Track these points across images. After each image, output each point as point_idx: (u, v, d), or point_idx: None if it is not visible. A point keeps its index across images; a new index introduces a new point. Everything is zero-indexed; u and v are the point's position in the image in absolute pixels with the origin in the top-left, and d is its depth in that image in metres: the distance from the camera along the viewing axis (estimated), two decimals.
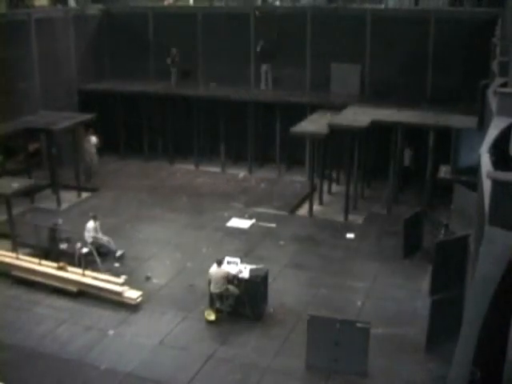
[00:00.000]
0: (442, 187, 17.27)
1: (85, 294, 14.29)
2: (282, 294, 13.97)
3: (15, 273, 15.11)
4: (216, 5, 25.91)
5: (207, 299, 13.46)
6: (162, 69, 25.39)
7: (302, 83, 23.59)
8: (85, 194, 21.17)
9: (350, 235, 17.59)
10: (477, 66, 19.44)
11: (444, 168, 16.69)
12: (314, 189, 19.84)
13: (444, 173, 16.48)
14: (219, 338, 12.62)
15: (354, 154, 19.59)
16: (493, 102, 10.99)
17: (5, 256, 15.60)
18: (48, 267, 14.97)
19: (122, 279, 14.48)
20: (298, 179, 22.53)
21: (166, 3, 26.99)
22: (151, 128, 24.85)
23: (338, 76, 22.81)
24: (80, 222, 16.88)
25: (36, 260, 15.25)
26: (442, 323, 11.44)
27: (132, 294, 13.92)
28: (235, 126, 23.85)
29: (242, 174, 23.44)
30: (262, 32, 23.49)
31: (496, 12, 19.49)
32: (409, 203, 19.12)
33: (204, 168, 24.02)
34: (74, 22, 24.52)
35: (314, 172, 19.98)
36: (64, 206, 20.02)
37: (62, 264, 14.89)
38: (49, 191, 20.92)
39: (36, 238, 15.87)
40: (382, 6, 23.31)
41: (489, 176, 6.87)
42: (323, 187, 20.42)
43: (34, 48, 22.54)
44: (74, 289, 14.34)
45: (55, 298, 14.28)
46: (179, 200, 20.57)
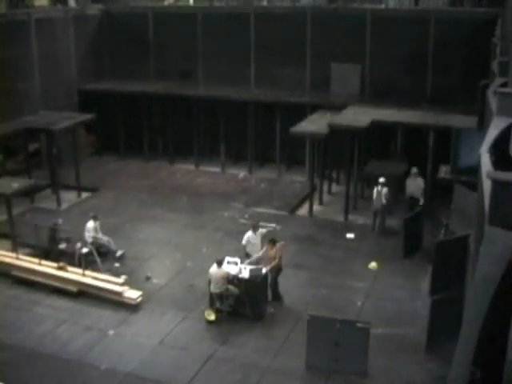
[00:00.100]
0: (442, 187, 17.27)
1: (85, 293, 14.29)
2: (282, 294, 13.95)
3: (15, 273, 15.11)
4: (216, 5, 25.94)
5: (207, 299, 13.46)
6: (161, 69, 25.44)
7: (301, 83, 23.60)
8: (85, 194, 21.17)
9: (350, 235, 17.59)
10: (477, 66, 19.45)
11: (444, 168, 16.70)
12: (314, 189, 19.84)
13: (444, 173, 16.48)
14: (219, 337, 12.62)
15: (353, 153, 19.59)
16: (493, 102, 10.98)
17: (5, 256, 15.60)
18: (48, 267, 14.97)
19: (122, 279, 14.48)
20: (298, 179, 22.53)
21: (166, 3, 27.00)
22: (151, 128, 24.85)
23: (338, 76, 22.82)
24: (80, 222, 16.87)
25: (36, 260, 15.25)
26: (442, 323, 11.44)
27: (132, 293, 13.92)
28: (235, 126, 23.85)
29: (242, 173, 23.44)
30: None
31: (496, 12, 19.50)
32: (409, 203, 19.06)
33: (204, 168, 24.03)
34: (74, 22, 24.57)
35: (314, 172, 19.98)
36: (64, 205, 20.02)
37: (61, 264, 14.90)
38: (49, 191, 20.93)
39: (36, 238, 15.86)
40: (382, 6, 23.33)
41: (489, 176, 6.87)
42: (323, 187, 20.42)
43: (34, 48, 22.57)
44: (74, 289, 14.34)
45: (55, 298, 14.28)
46: (179, 200, 20.57)
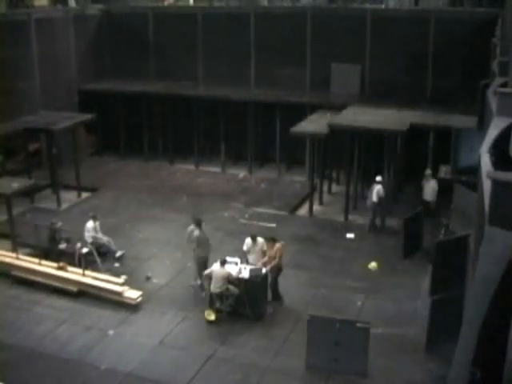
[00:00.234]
0: (442, 187, 17.27)
1: (85, 293, 14.28)
2: (282, 293, 13.94)
3: (15, 273, 15.11)
4: (216, 5, 25.94)
5: (207, 299, 13.46)
6: (161, 69, 25.45)
7: (302, 83, 23.60)
8: (85, 194, 21.16)
9: (350, 235, 17.59)
10: (477, 66, 19.46)
11: (444, 168, 16.70)
12: (314, 189, 19.84)
13: (444, 173, 16.48)
14: (219, 337, 12.61)
15: (353, 153, 19.59)
16: (493, 102, 10.99)
17: (5, 256, 15.60)
18: (48, 267, 14.97)
19: (122, 279, 14.48)
20: (297, 179, 22.52)
21: (166, 3, 27.01)
22: (151, 128, 24.84)
23: (338, 76, 22.82)
24: (80, 222, 16.86)
25: (36, 260, 15.25)
26: (442, 323, 11.44)
27: (132, 294, 13.91)
28: (235, 126, 23.84)
29: (242, 174, 23.43)
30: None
31: (496, 12, 19.50)
32: (409, 203, 19.10)
33: (204, 168, 24.02)
34: (74, 22, 24.57)
35: (314, 172, 19.97)
36: (64, 205, 20.01)
37: (62, 264, 14.89)
38: (49, 191, 20.94)
39: (36, 238, 15.86)
40: (382, 6, 23.34)
41: (489, 176, 6.88)
42: (323, 187, 20.42)
43: (34, 48, 22.57)
44: (74, 289, 14.34)
45: (55, 298, 14.27)
46: (179, 200, 20.56)
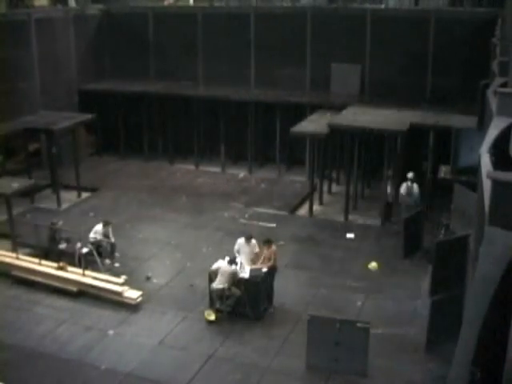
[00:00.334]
0: (442, 187, 17.26)
1: (85, 294, 14.28)
2: (282, 293, 13.94)
3: (15, 273, 15.10)
4: (216, 5, 25.93)
5: (207, 299, 13.46)
6: (162, 69, 25.45)
7: (301, 83, 23.60)
8: (85, 194, 21.16)
9: (350, 235, 17.59)
10: (477, 66, 19.44)
11: (444, 168, 16.68)
12: (314, 189, 19.84)
13: (444, 173, 16.46)
14: (219, 337, 12.61)
15: (353, 153, 19.58)
16: (493, 102, 10.98)
17: (5, 256, 15.60)
18: (48, 267, 14.97)
19: (122, 279, 14.48)
20: (298, 179, 22.52)
21: (166, 3, 27.00)
22: (151, 128, 24.84)
23: (338, 76, 22.82)
24: (80, 222, 16.87)
25: (36, 260, 15.25)
26: (442, 323, 11.43)
27: (132, 294, 13.91)
28: (235, 126, 23.85)
29: (242, 174, 23.43)
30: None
31: (496, 12, 19.49)
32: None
33: (204, 168, 24.02)
34: (74, 22, 24.56)
35: (314, 172, 19.97)
36: (64, 206, 20.00)
37: (62, 264, 14.89)
38: (49, 191, 20.93)
39: (36, 238, 15.85)
40: (382, 6, 23.32)
41: (489, 176, 6.87)
42: (323, 187, 20.42)
43: (34, 48, 22.56)
44: (74, 289, 14.33)
45: (55, 298, 14.26)
46: (179, 200, 20.57)
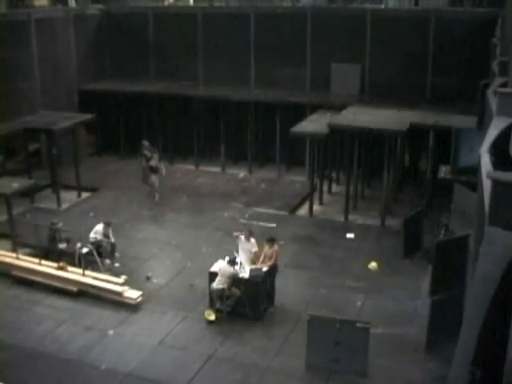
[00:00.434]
0: (442, 187, 17.26)
1: (85, 293, 14.28)
2: (282, 293, 13.93)
3: (15, 273, 15.10)
4: (216, 5, 25.93)
5: (207, 299, 13.46)
6: (162, 69, 25.45)
7: (302, 83, 23.60)
8: (85, 194, 21.16)
9: (350, 235, 17.59)
10: (477, 66, 19.45)
11: (444, 168, 16.68)
12: (314, 189, 19.84)
13: (444, 173, 16.46)
14: (219, 337, 12.61)
15: (353, 153, 19.58)
16: (493, 102, 10.98)
17: (5, 256, 15.60)
18: (48, 267, 14.97)
19: (122, 279, 14.48)
20: (298, 179, 22.51)
21: (165, 3, 27.00)
22: (151, 128, 24.84)
23: (338, 76, 22.81)
24: (80, 222, 16.87)
25: (36, 260, 15.25)
26: (442, 323, 11.44)
27: (132, 293, 13.91)
28: (235, 126, 23.85)
29: (242, 174, 23.43)
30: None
31: (496, 12, 19.49)
32: (408, 203, 19.11)
33: (204, 168, 24.01)
34: (74, 22, 24.55)
35: (314, 172, 19.97)
36: (64, 205, 20.00)
37: (62, 264, 14.89)
38: (49, 191, 20.92)
39: (36, 238, 15.86)
40: (382, 6, 23.31)
41: (489, 176, 6.87)
42: (323, 187, 20.42)
43: (34, 48, 22.55)
44: (74, 289, 14.34)
45: (55, 298, 14.26)
46: (179, 200, 20.57)
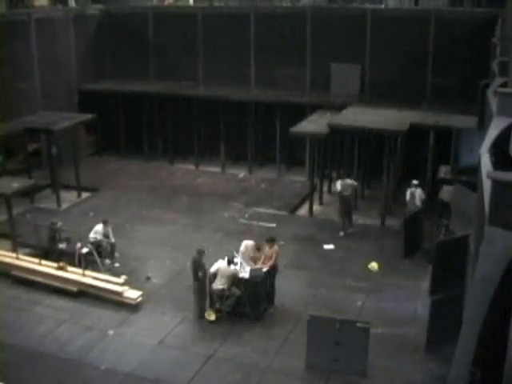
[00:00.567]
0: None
1: (85, 293, 14.28)
2: (282, 294, 13.94)
3: (15, 273, 15.10)
4: (216, 5, 25.93)
5: (207, 299, 13.46)
6: (161, 69, 25.45)
7: (302, 83, 23.60)
8: (85, 194, 21.15)
9: (329, 246, 16.84)
10: (477, 66, 19.46)
11: (444, 168, 16.68)
12: (314, 189, 19.84)
13: (444, 173, 16.47)
14: (219, 337, 12.60)
15: (353, 154, 19.58)
16: (493, 102, 10.98)
17: (5, 256, 15.60)
18: (48, 267, 14.97)
19: (122, 279, 14.48)
20: (298, 179, 22.51)
21: (165, 3, 27.01)
22: (151, 128, 24.85)
23: (338, 76, 22.82)
24: (80, 222, 16.86)
25: (36, 260, 15.24)
26: (442, 323, 11.43)
27: (132, 293, 13.91)
28: (235, 126, 23.85)
29: (242, 173, 23.43)
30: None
31: (496, 12, 19.50)
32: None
33: (204, 168, 24.01)
34: (74, 22, 24.57)
35: (314, 172, 19.97)
36: (64, 205, 20.00)
37: (62, 264, 14.89)
38: (49, 191, 20.93)
39: (36, 238, 15.86)
40: (382, 6, 23.32)
41: (489, 176, 6.86)
42: (323, 187, 20.42)
43: (34, 48, 22.56)
44: (74, 289, 14.34)
45: (55, 298, 14.26)
46: (179, 200, 20.56)
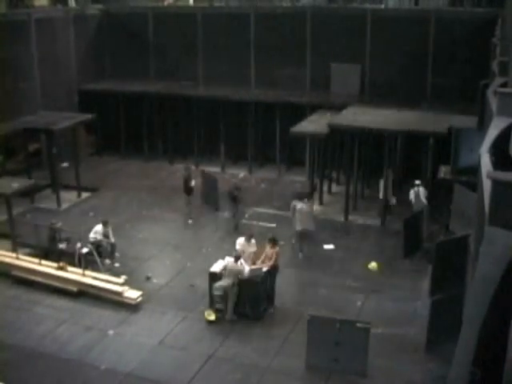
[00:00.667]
0: (442, 187, 17.25)
1: (85, 293, 14.28)
2: (282, 294, 13.95)
3: (15, 273, 15.11)
4: (216, 5, 25.94)
5: (207, 299, 13.46)
6: (161, 69, 25.45)
7: (302, 83, 23.60)
8: (85, 194, 21.15)
9: (329, 246, 16.97)
10: (477, 66, 19.46)
11: (444, 168, 16.68)
12: (314, 189, 19.83)
13: (444, 173, 16.47)
14: (219, 337, 12.61)
15: (353, 154, 19.57)
16: (493, 102, 10.97)
17: (5, 256, 15.60)
18: (48, 267, 14.97)
19: (122, 279, 14.48)
20: (298, 179, 22.49)
21: (165, 3, 27.01)
22: (151, 128, 24.84)
23: (338, 76, 22.83)
24: (80, 222, 16.85)
25: (36, 260, 15.25)
26: (442, 323, 11.44)
27: (132, 294, 13.92)
28: (235, 126, 23.85)
29: (242, 174, 23.43)
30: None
31: (496, 12, 19.50)
32: (408, 203, 19.05)
33: (204, 168, 23.95)
34: (74, 22, 24.59)
35: (314, 172, 19.97)
36: (64, 205, 20.00)
37: (62, 264, 14.90)
38: (49, 191, 20.92)
39: (36, 238, 15.86)
40: (382, 6, 23.33)
41: (489, 176, 6.86)
42: (323, 187, 20.41)
43: (34, 48, 22.57)
44: (74, 289, 14.34)
45: (55, 298, 14.27)
46: (179, 200, 20.54)
